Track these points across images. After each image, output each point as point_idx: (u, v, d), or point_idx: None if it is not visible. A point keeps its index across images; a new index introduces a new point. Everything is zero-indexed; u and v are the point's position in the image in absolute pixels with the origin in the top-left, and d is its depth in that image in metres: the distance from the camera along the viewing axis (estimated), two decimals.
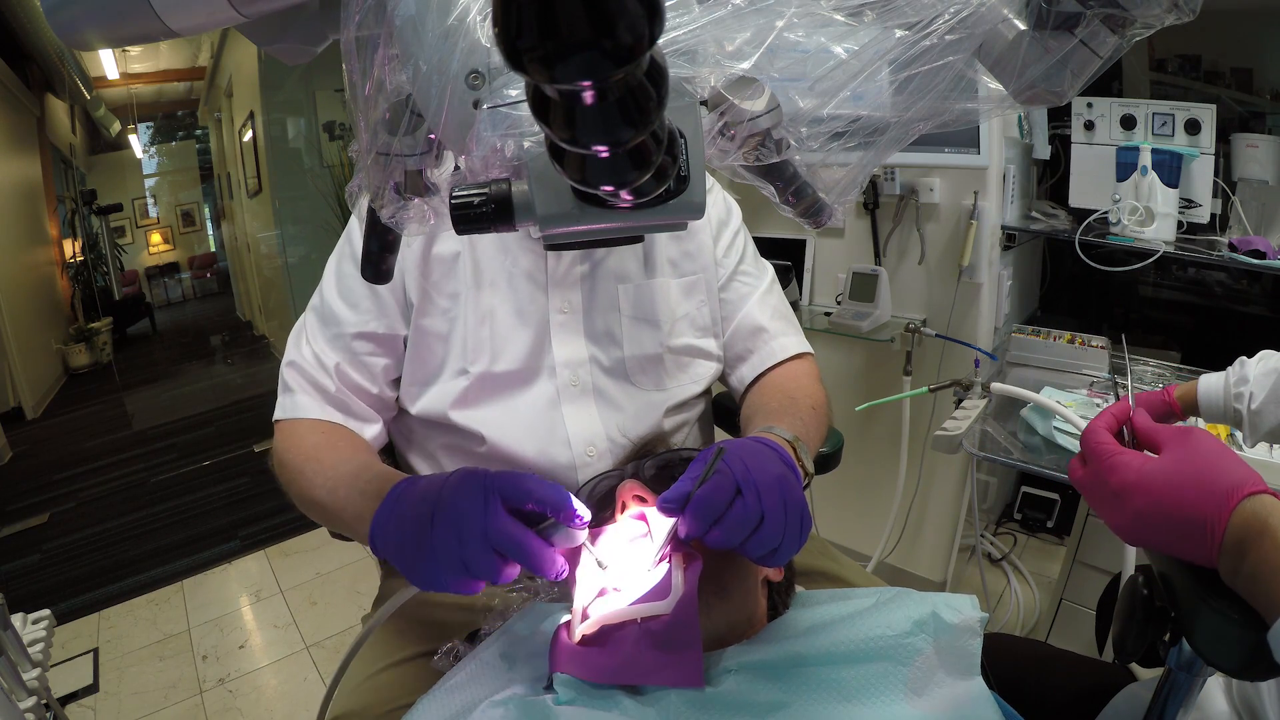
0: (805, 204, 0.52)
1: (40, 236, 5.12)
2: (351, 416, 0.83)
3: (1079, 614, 1.57)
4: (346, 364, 0.83)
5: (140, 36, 0.41)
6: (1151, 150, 1.49)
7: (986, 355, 1.62)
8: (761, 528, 0.55)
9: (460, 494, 0.54)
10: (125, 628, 2.14)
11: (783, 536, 0.56)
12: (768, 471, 0.57)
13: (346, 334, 0.82)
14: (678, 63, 0.39)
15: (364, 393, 0.84)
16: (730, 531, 0.55)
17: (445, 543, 0.53)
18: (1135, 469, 0.52)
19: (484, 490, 0.54)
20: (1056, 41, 0.44)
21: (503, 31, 0.20)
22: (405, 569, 0.56)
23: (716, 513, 0.54)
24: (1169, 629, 0.57)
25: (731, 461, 0.57)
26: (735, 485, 0.56)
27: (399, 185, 0.46)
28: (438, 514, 0.54)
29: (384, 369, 0.84)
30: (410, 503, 0.58)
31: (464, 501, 0.53)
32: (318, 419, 0.82)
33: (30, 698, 1.17)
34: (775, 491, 0.56)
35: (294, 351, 0.85)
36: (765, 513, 0.55)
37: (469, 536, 0.52)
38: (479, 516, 0.52)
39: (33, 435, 4.11)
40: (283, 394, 0.84)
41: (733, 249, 0.94)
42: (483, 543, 0.52)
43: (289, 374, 0.84)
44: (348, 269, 0.84)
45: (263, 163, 4.52)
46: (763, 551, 0.56)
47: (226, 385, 5.12)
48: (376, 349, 0.83)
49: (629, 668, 0.56)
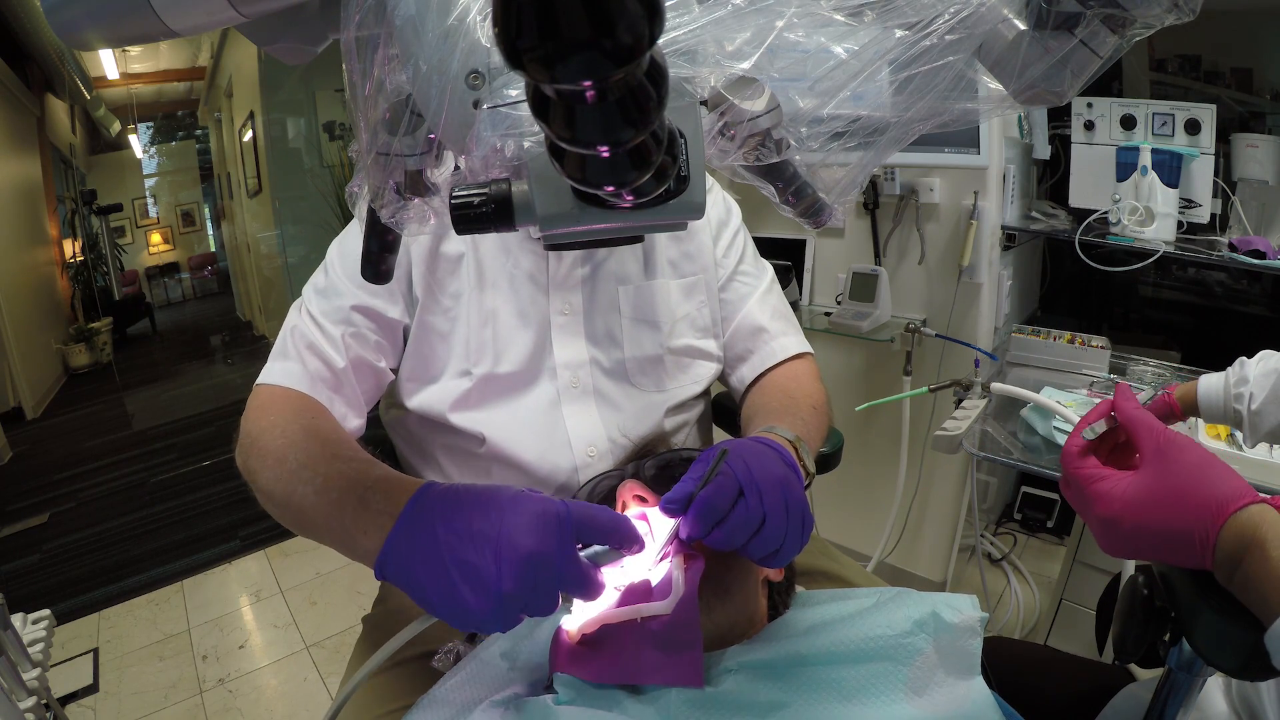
0: (805, 204, 0.52)
1: (40, 236, 5.11)
2: (339, 401, 0.76)
3: (1079, 614, 1.57)
4: (349, 336, 0.77)
5: (140, 36, 0.41)
6: (1151, 150, 1.49)
7: (986, 355, 1.62)
8: (763, 529, 0.55)
9: (536, 535, 0.48)
10: (125, 628, 2.14)
11: (784, 538, 0.56)
12: (770, 473, 0.57)
13: (346, 306, 0.78)
14: (678, 63, 0.38)
15: (367, 366, 0.79)
16: (732, 533, 0.55)
17: (514, 590, 0.47)
18: (1117, 497, 0.51)
19: (560, 532, 0.48)
20: (1056, 41, 0.44)
21: (503, 31, 0.20)
22: (430, 604, 0.49)
23: (719, 514, 0.55)
24: (1169, 629, 0.57)
25: (734, 463, 0.57)
26: (738, 487, 0.56)
27: (399, 185, 0.46)
28: (503, 555, 0.47)
29: (379, 346, 0.80)
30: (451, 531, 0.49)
31: (542, 545, 0.47)
32: (305, 393, 0.74)
33: (30, 698, 1.17)
34: (778, 493, 0.56)
35: (296, 318, 0.79)
36: (767, 514, 0.55)
37: (544, 582, 0.47)
38: (558, 563, 0.47)
39: (33, 435, 4.11)
40: (275, 359, 0.76)
41: (733, 249, 0.94)
42: (554, 587, 0.48)
43: (290, 339, 0.77)
44: (351, 246, 0.80)
45: (263, 163, 4.52)
46: (764, 553, 0.56)
47: (226, 385, 5.12)
48: (377, 328, 0.80)
49: (629, 668, 0.56)
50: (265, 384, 0.75)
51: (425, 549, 0.49)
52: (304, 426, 0.68)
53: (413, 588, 0.50)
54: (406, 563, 0.50)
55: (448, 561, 0.48)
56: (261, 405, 0.72)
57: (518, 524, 0.48)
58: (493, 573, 0.47)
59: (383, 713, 0.70)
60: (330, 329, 0.77)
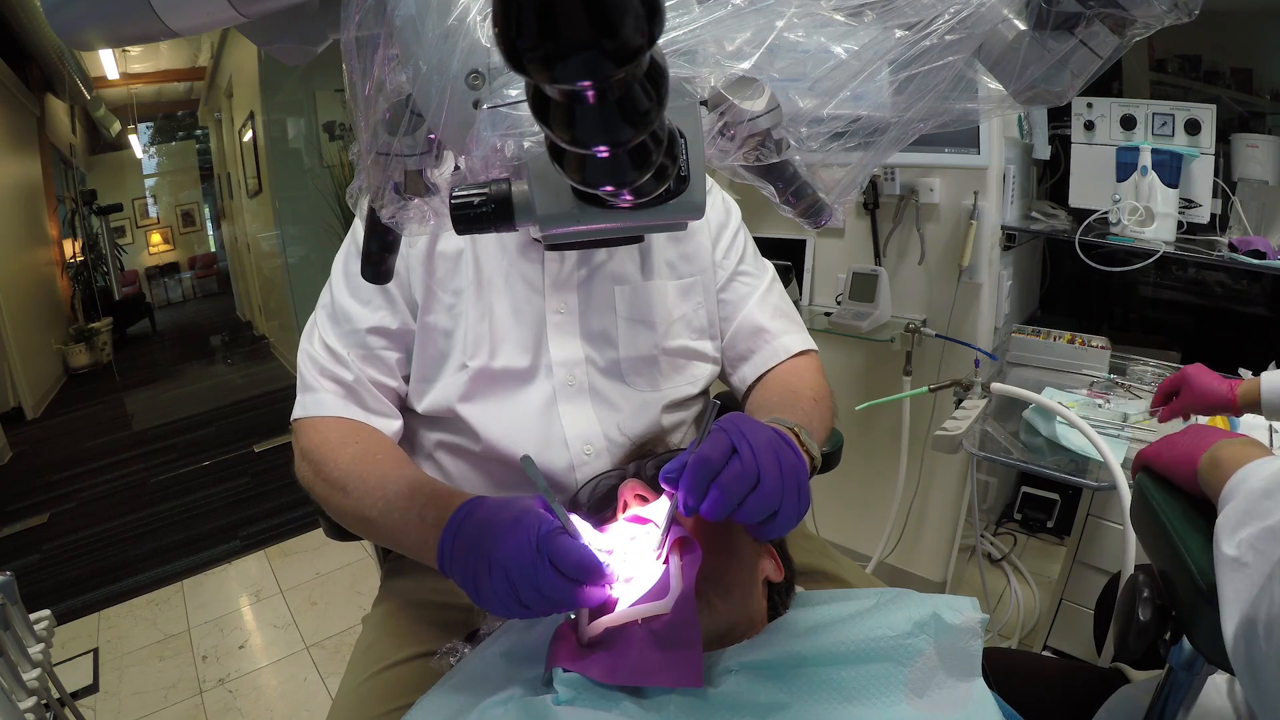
0: (805, 204, 0.52)
1: (40, 236, 5.11)
2: (373, 413, 0.82)
3: (1079, 614, 1.57)
4: (361, 359, 0.82)
5: (140, 36, 0.41)
6: (1151, 150, 1.49)
7: (986, 355, 1.62)
8: (759, 487, 0.55)
9: (512, 557, 0.56)
10: (125, 628, 2.14)
11: (781, 498, 0.56)
12: (761, 434, 0.58)
13: (360, 329, 0.82)
14: (678, 63, 0.38)
15: (383, 386, 0.83)
16: (728, 489, 0.54)
17: (499, 590, 0.56)
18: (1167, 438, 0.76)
19: (535, 551, 0.56)
20: (1056, 42, 0.44)
21: (503, 32, 0.20)
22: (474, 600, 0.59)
23: (714, 470, 0.55)
24: (1170, 628, 0.57)
25: (724, 423, 0.59)
26: (730, 443, 0.56)
27: (399, 185, 0.46)
28: (493, 569, 0.56)
29: (398, 362, 0.84)
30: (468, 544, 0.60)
31: (516, 566, 0.56)
32: (341, 417, 0.81)
33: (30, 698, 1.17)
34: (769, 452, 0.57)
35: (308, 346, 0.84)
36: (761, 470, 0.55)
37: (524, 590, 0.55)
38: (531, 578, 0.55)
39: (33, 435, 4.11)
40: (302, 391, 0.83)
41: (732, 249, 0.94)
42: (538, 596, 0.55)
43: (307, 369, 0.83)
44: (355, 267, 0.84)
45: (263, 163, 4.51)
46: (762, 514, 0.56)
47: (226, 385, 5.12)
48: (390, 344, 0.83)
49: (629, 668, 0.56)
50: (302, 419, 0.82)
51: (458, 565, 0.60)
52: (352, 455, 0.77)
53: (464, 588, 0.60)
54: (449, 571, 0.62)
55: (466, 576, 0.59)
56: (306, 444, 0.80)
57: (502, 551, 0.57)
58: (489, 587, 0.57)
59: (383, 712, 0.70)
60: (343, 353, 0.82)
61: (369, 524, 0.75)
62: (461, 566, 0.59)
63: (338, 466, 0.76)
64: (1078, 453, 1.26)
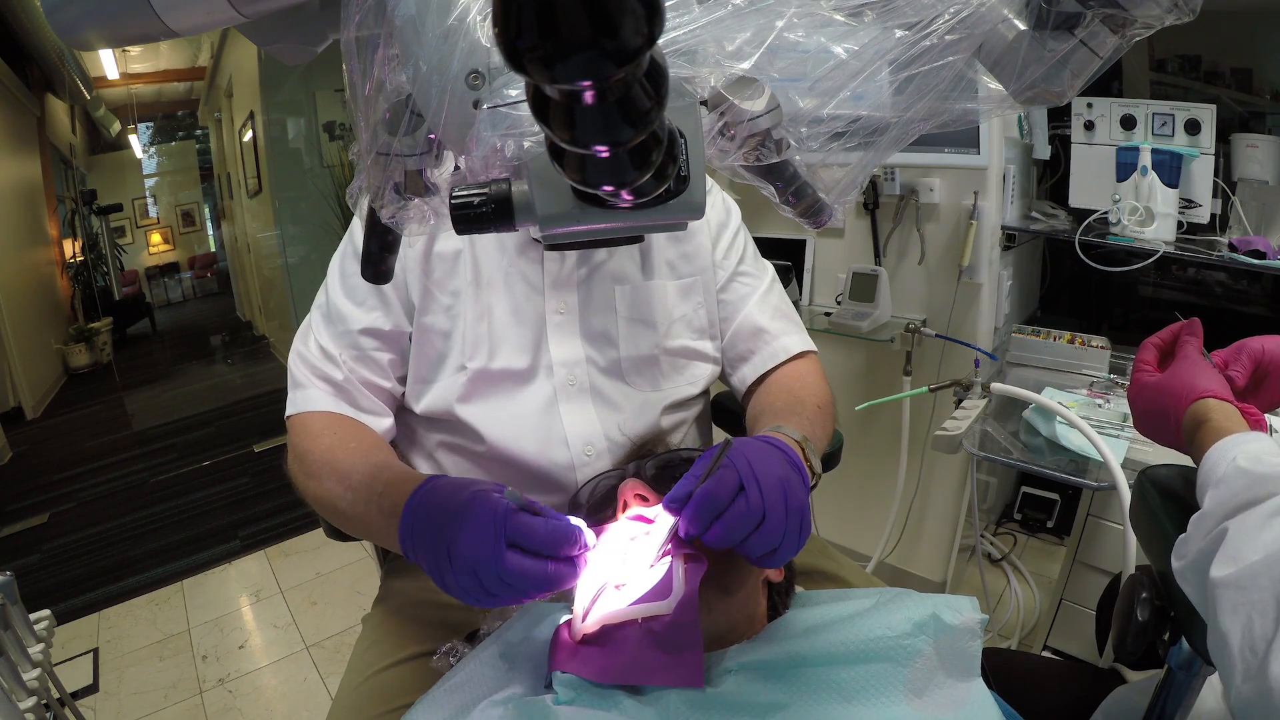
0: (805, 204, 0.52)
1: (40, 236, 5.11)
2: (363, 412, 0.83)
3: (1079, 614, 1.57)
4: (353, 359, 0.83)
5: (140, 36, 0.41)
6: (1151, 150, 1.49)
7: (986, 355, 1.62)
8: (763, 525, 0.55)
9: (472, 542, 0.53)
10: (125, 628, 2.14)
11: (783, 536, 0.56)
12: (771, 471, 0.57)
13: (353, 330, 0.83)
14: (678, 63, 0.38)
15: (374, 387, 0.84)
16: (731, 527, 0.54)
17: (465, 585, 0.54)
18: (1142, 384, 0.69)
19: (494, 539, 0.53)
20: (1056, 42, 0.44)
21: (503, 32, 0.20)
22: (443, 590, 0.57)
23: (719, 507, 0.54)
24: (1169, 628, 0.57)
25: (736, 458, 0.57)
26: (739, 481, 0.56)
27: (399, 185, 0.46)
28: (454, 558, 0.54)
29: (390, 363, 0.84)
30: (426, 535, 0.57)
31: (476, 550, 0.53)
32: (328, 411, 0.81)
33: (30, 698, 1.17)
34: (778, 491, 0.56)
35: (300, 347, 0.85)
36: (767, 510, 0.55)
37: (488, 580, 0.53)
38: (492, 564, 0.53)
39: (33, 435, 4.11)
40: (292, 390, 0.84)
41: (732, 250, 0.94)
42: (502, 584, 0.53)
43: (297, 368, 0.84)
44: (351, 268, 0.84)
45: (263, 163, 4.51)
46: (763, 551, 0.56)
47: (226, 385, 5.12)
48: (382, 345, 0.84)
49: (629, 668, 0.56)
50: (293, 415, 0.82)
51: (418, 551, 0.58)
52: (327, 445, 0.78)
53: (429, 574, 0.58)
54: (414, 560, 0.60)
55: (431, 569, 0.57)
56: (294, 438, 0.81)
57: (458, 533, 0.54)
58: (454, 581, 0.55)
59: (383, 712, 0.70)
60: (336, 353, 0.83)
61: (340, 514, 0.74)
62: (426, 559, 0.57)
63: (313, 456, 0.77)
64: (1078, 453, 1.26)
